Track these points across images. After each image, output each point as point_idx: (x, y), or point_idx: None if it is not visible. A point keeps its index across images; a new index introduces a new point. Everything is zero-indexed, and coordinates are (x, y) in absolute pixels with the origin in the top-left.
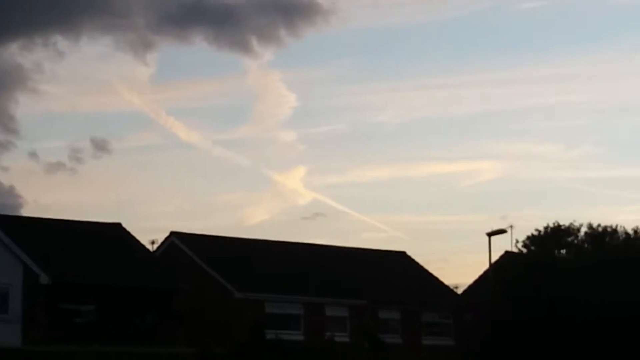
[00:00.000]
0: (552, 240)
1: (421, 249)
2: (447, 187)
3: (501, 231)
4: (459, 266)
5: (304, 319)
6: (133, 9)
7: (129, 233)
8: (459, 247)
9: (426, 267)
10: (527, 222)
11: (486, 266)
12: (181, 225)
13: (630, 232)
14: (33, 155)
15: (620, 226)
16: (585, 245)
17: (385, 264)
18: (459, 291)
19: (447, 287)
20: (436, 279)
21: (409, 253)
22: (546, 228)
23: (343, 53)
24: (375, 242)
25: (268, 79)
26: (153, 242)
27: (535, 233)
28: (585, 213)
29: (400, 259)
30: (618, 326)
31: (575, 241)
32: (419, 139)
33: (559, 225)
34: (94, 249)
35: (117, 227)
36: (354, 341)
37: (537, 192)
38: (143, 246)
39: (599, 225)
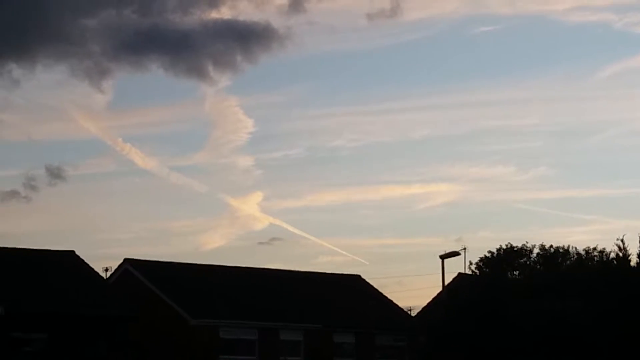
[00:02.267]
0: (504, 262)
1: (377, 272)
2: (402, 210)
3: (454, 253)
4: (414, 289)
5: (259, 343)
6: (88, 37)
7: (82, 261)
8: (414, 270)
9: (382, 290)
10: (482, 244)
11: (440, 288)
12: (137, 252)
13: (582, 252)
14: None
15: (572, 247)
16: (538, 266)
17: (340, 287)
18: (414, 313)
19: (401, 309)
20: (390, 301)
21: (365, 276)
22: (499, 250)
23: (299, 78)
24: (332, 266)
25: (225, 104)
26: (107, 270)
27: (488, 255)
28: (539, 234)
29: (355, 282)
30: (569, 346)
31: (528, 262)
32: (375, 163)
33: (512, 247)
34: (47, 278)
35: (71, 255)
36: None
37: (491, 214)
38: (96, 274)
39: (551, 246)
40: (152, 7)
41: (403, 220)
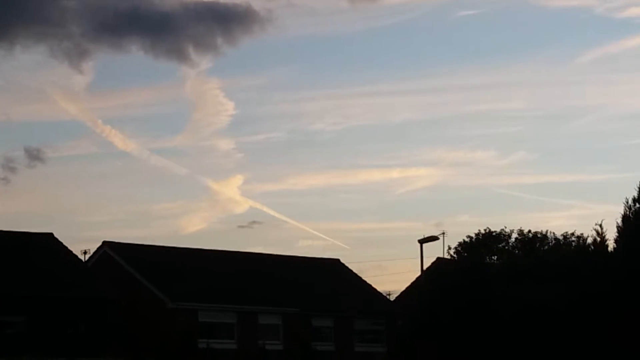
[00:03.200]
0: (483, 247)
1: (358, 256)
2: (382, 194)
3: (433, 238)
4: (394, 273)
5: (237, 327)
6: (68, 17)
7: (61, 243)
8: (394, 254)
9: (362, 274)
10: (461, 229)
11: (419, 273)
12: (117, 235)
13: (560, 237)
14: None
15: (551, 232)
16: (516, 251)
17: (319, 271)
18: (393, 298)
19: (380, 294)
20: (369, 286)
21: (345, 260)
22: (477, 234)
23: (280, 61)
24: (312, 250)
25: (206, 87)
26: (85, 252)
27: (467, 240)
28: (518, 219)
29: (334, 266)
30: (548, 330)
31: (506, 247)
32: (356, 147)
33: (490, 232)
34: (25, 260)
35: (49, 237)
36: (287, 349)
37: (471, 198)
38: (75, 256)
39: (529, 231)
40: None
41: (383, 204)
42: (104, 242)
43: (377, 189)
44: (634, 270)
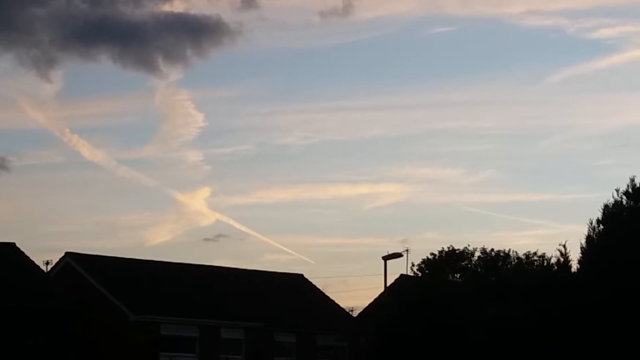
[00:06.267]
0: (446, 265)
1: (323, 272)
2: (350, 210)
3: (397, 255)
4: (358, 289)
5: (199, 341)
6: (37, 25)
7: (22, 253)
8: (360, 270)
9: (327, 289)
10: (428, 246)
11: (382, 289)
12: (82, 246)
13: (522, 257)
14: None
15: (514, 251)
16: (479, 269)
17: (283, 286)
18: (356, 314)
19: (342, 310)
20: (333, 302)
21: (311, 275)
22: (441, 252)
23: (251, 74)
24: (277, 264)
25: (175, 98)
26: (47, 263)
27: (430, 257)
28: (485, 237)
29: (297, 281)
30: (509, 349)
31: (469, 265)
32: (324, 162)
33: (454, 250)
34: None
35: (11, 247)
36: None
37: (439, 216)
38: (37, 267)
39: (492, 250)
40: None
41: (350, 220)
42: (67, 253)
43: (345, 205)
44: (596, 292)
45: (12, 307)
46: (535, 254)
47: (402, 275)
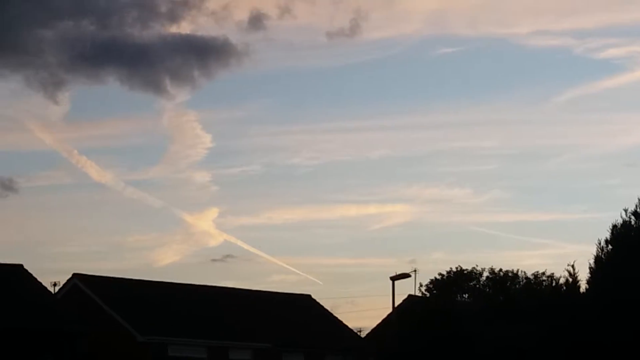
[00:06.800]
0: (454, 285)
1: (331, 292)
2: (357, 230)
3: (405, 275)
4: (366, 309)
5: None
6: (45, 47)
7: (30, 275)
8: (368, 291)
9: (335, 309)
10: (435, 266)
11: (390, 309)
12: (90, 267)
13: (531, 277)
14: None
15: (522, 271)
16: (487, 289)
17: (290, 307)
18: (364, 334)
19: (350, 330)
20: (340, 322)
21: (318, 296)
22: (449, 272)
23: (258, 95)
24: (285, 285)
25: (183, 119)
26: (55, 284)
27: (438, 277)
28: (493, 257)
29: (305, 302)
30: None
31: (477, 285)
32: (332, 182)
33: (462, 270)
34: None
35: (19, 268)
36: None
37: (446, 236)
38: (44, 288)
39: (500, 270)
40: (110, 20)
41: (358, 240)
42: (74, 274)
43: (352, 225)
44: (604, 312)
45: (19, 328)
46: (543, 274)
47: (410, 296)
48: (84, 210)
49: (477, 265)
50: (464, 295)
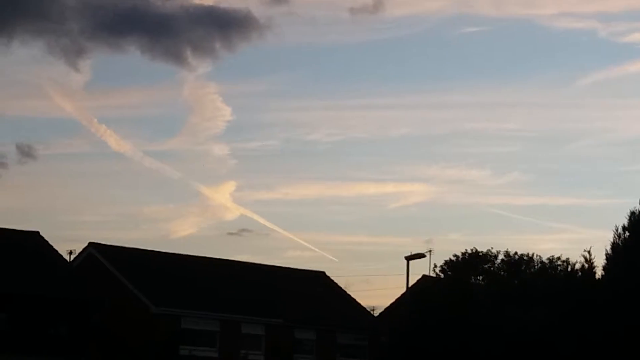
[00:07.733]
0: (468, 267)
1: (345, 269)
2: (375, 208)
3: (420, 255)
4: (380, 288)
5: (220, 336)
6: (67, 15)
7: (46, 242)
8: (382, 269)
9: (349, 287)
10: (451, 247)
11: (404, 289)
12: (105, 236)
13: (546, 261)
14: None
15: (537, 255)
16: (502, 272)
17: (304, 283)
18: (377, 313)
19: (364, 308)
20: (353, 300)
21: (333, 273)
22: (464, 254)
23: (279, 69)
24: (300, 261)
25: (204, 91)
26: (71, 253)
27: (453, 259)
28: (509, 240)
29: (319, 279)
30: (525, 352)
31: (492, 268)
32: (351, 159)
33: (477, 252)
34: (9, 257)
35: (35, 235)
36: None
37: (463, 217)
38: (60, 256)
39: (515, 253)
40: None
41: (375, 219)
42: (90, 243)
43: (370, 203)
44: (620, 299)
45: (34, 295)
46: (559, 258)
47: (424, 276)
48: (102, 179)
49: (492, 248)
50: (479, 278)
